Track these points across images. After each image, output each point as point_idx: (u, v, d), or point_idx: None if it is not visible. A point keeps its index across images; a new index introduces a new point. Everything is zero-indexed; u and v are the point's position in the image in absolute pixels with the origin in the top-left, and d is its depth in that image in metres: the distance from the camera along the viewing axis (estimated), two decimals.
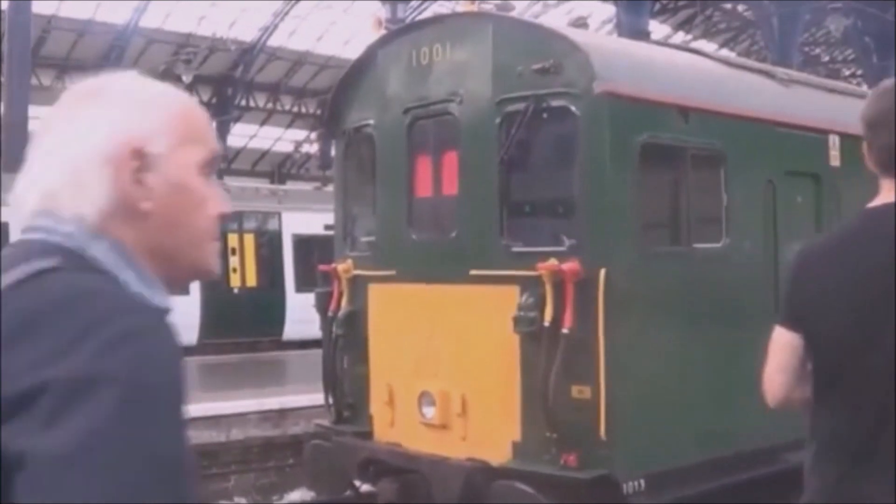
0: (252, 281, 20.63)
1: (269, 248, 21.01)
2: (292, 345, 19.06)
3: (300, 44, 37.25)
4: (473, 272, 6.77)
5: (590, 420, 6.11)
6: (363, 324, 7.65)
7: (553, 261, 6.26)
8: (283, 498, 11.63)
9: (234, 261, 20.40)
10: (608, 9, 31.16)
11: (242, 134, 40.90)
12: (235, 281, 20.40)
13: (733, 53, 35.67)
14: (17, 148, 19.04)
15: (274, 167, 43.57)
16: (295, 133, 42.02)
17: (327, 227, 13.07)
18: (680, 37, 38.01)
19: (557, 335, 6.18)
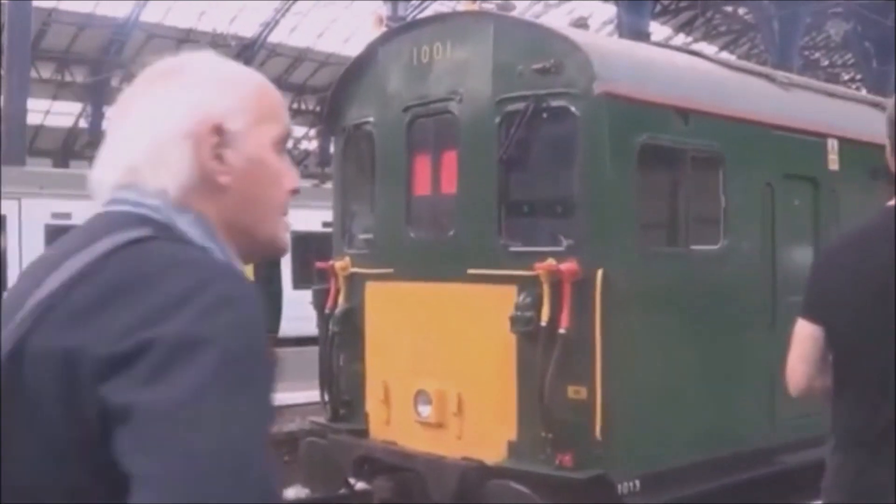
0: (249, 276, 20.59)
1: None
2: (289, 342, 19.03)
3: (300, 40, 37.24)
4: (471, 271, 6.78)
5: (585, 420, 6.12)
6: (360, 321, 7.65)
7: (551, 261, 6.26)
8: None
9: None
10: (609, 9, 31.17)
11: None
12: None
13: (733, 56, 35.69)
14: (16, 140, 19.03)
15: None
16: (294, 129, 41.83)
17: (325, 225, 13.06)
18: (680, 39, 38.02)
19: (554, 335, 6.18)
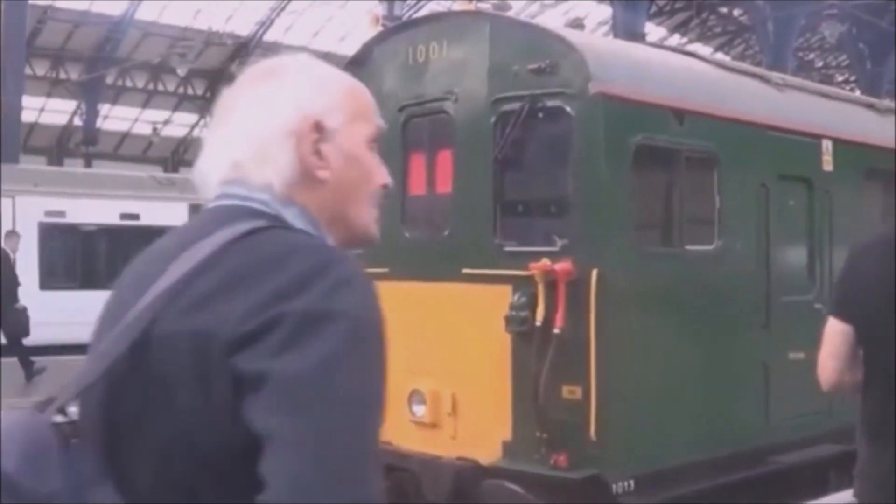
0: None
1: None
2: None
3: (296, 39, 37.18)
4: (466, 271, 6.78)
5: (580, 420, 6.12)
6: None
7: (545, 261, 6.26)
8: None
9: None
10: (605, 10, 31.21)
11: None
12: None
13: (728, 57, 35.75)
14: (11, 138, 18.99)
15: None
16: None
17: None
18: (675, 40, 38.07)
19: (549, 335, 6.18)
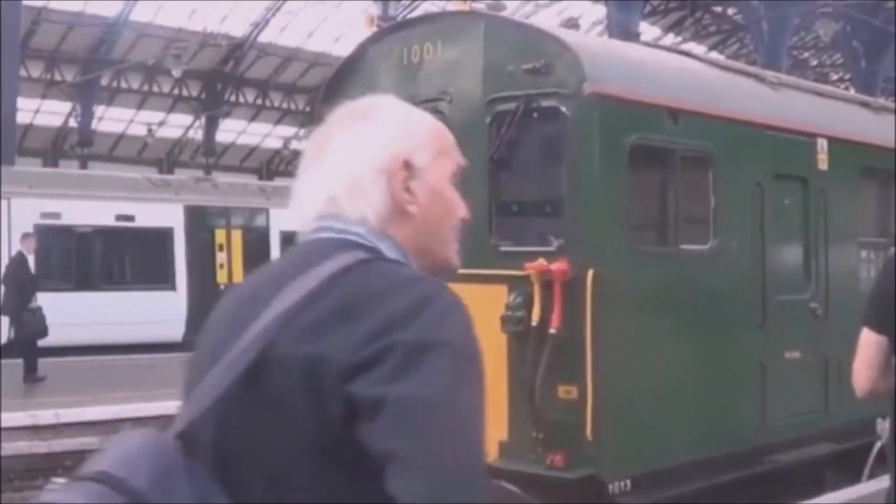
0: (239, 277, 20.57)
1: (257, 245, 20.95)
2: None
3: (290, 40, 37.18)
4: (461, 271, 6.72)
5: (576, 420, 6.12)
6: None
7: (541, 260, 6.26)
8: None
9: (222, 257, 20.35)
10: (599, 10, 31.22)
11: (231, 130, 40.79)
12: (222, 277, 20.34)
13: (723, 56, 35.79)
14: (6, 139, 18.94)
15: (262, 163, 43.46)
16: (284, 130, 41.93)
17: None
18: (670, 39, 38.10)
19: (545, 335, 6.18)
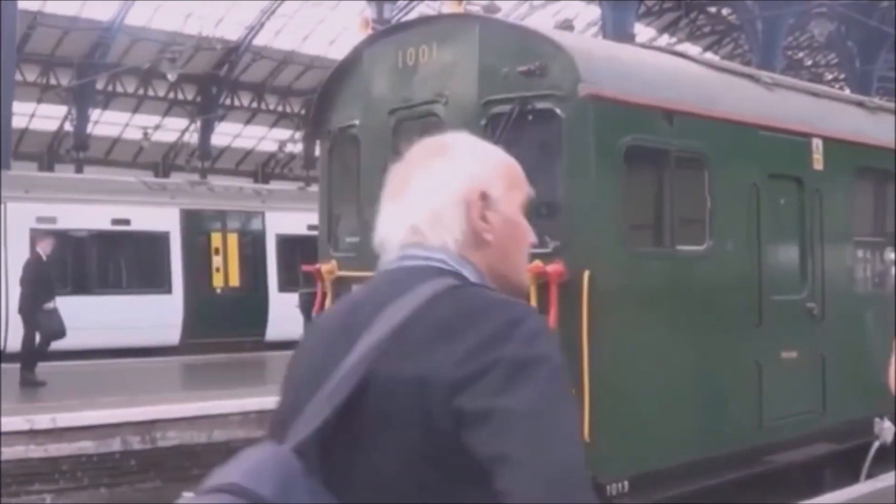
0: (235, 281, 20.54)
1: (253, 248, 20.91)
2: (275, 345, 18.98)
3: (286, 43, 37.15)
4: None
5: None
6: None
7: (537, 262, 6.26)
8: None
9: (218, 260, 20.31)
10: (594, 11, 31.26)
11: (226, 133, 40.75)
12: (218, 281, 20.30)
13: (717, 57, 35.83)
14: (2, 144, 18.89)
15: (258, 167, 43.42)
16: (279, 133, 41.90)
17: (311, 228, 13.02)
18: (664, 40, 38.14)
19: None
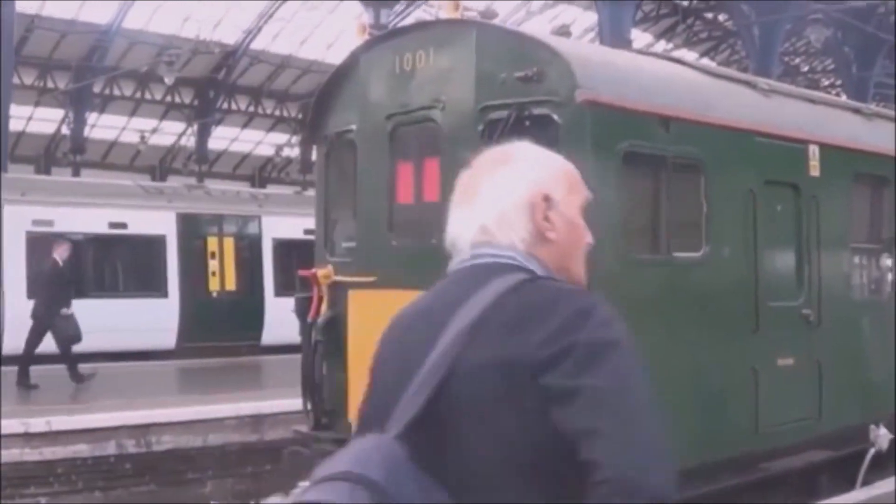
0: (231, 285, 20.50)
1: (249, 252, 20.88)
2: (271, 349, 18.95)
3: (283, 47, 37.15)
4: None
5: None
6: (343, 330, 7.61)
7: None
8: None
9: (214, 264, 20.27)
10: (591, 17, 31.29)
11: (223, 137, 40.75)
12: (214, 285, 20.26)
13: (714, 62, 35.89)
14: None
15: (254, 171, 43.42)
16: (276, 137, 41.90)
17: (307, 232, 13.01)
18: (661, 46, 38.19)
19: None
